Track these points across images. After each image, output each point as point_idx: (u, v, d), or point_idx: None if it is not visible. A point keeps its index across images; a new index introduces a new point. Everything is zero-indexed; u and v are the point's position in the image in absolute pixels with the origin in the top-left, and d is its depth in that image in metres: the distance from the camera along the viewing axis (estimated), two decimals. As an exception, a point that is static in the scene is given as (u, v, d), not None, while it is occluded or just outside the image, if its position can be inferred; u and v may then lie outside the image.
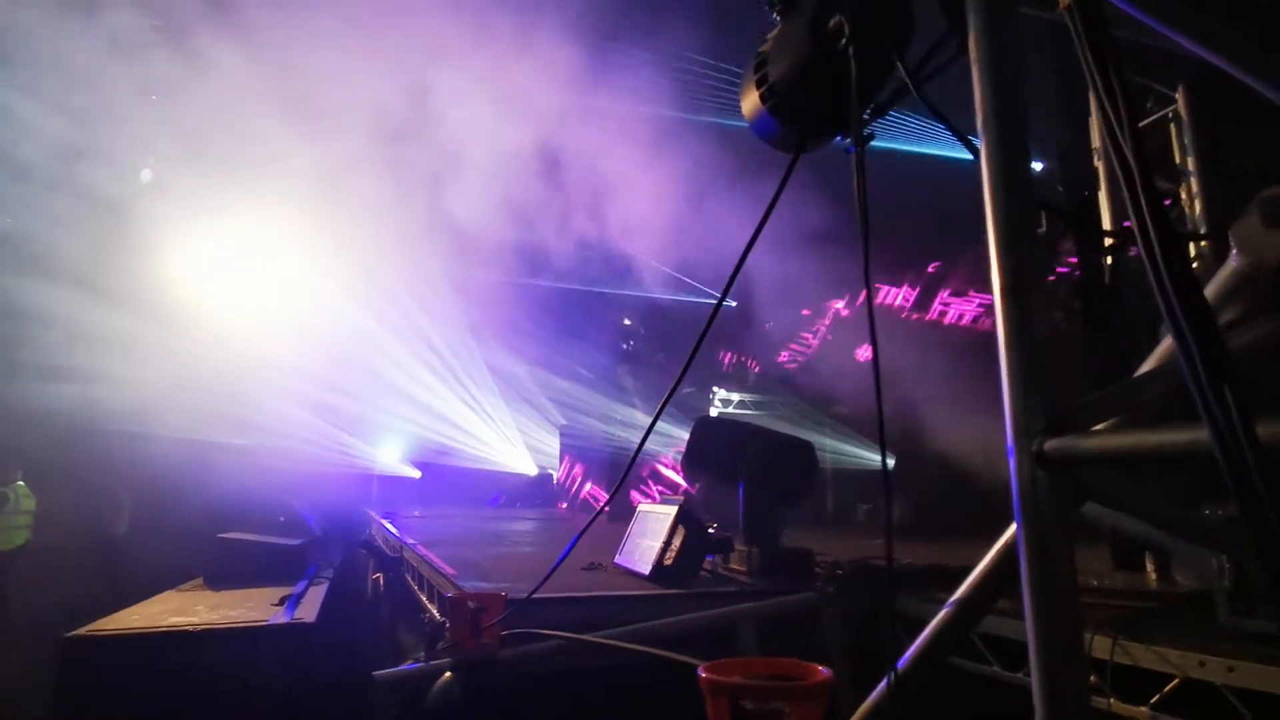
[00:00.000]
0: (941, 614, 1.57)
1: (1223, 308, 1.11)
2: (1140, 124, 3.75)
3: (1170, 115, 4.02)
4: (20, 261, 8.37)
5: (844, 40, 1.36)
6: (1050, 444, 1.02)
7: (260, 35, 7.01)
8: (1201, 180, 3.72)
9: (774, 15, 1.60)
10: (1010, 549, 1.37)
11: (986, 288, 1.14)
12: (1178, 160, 3.94)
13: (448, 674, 2.26)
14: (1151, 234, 0.85)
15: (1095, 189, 4.18)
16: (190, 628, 3.08)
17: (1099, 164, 4.07)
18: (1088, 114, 4.09)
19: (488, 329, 10.83)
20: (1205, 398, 0.78)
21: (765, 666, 1.25)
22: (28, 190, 8.33)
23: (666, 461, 8.17)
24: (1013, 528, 1.32)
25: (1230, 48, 1.07)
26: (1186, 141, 3.86)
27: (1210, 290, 1.13)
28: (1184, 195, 3.91)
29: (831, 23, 1.40)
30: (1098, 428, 1.11)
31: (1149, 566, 3.22)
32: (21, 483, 8.85)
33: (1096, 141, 4.19)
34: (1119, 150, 0.89)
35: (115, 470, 9.56)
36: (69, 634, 2.97)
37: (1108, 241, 3.85)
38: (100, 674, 2.75)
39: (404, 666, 2.41)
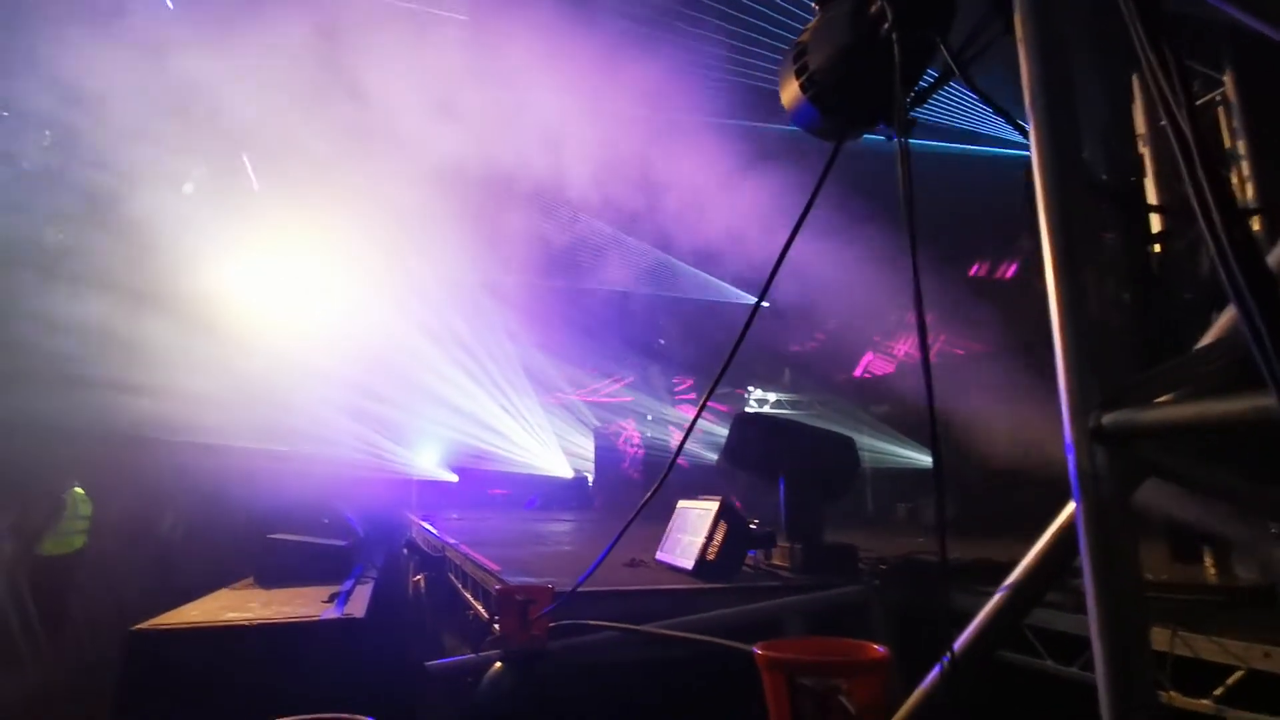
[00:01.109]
0: (995, 599, 1.57)
1: (1283, 281, 1.09)
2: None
3: (1218, 99, 3.92)
4: (76, 276, 8.70)
5: (886, 25, 1.37)
6: (1108, 418, 1.02)
7: (299, 48, 7.21)
8: (1253, 163, 3.62)
9: (813, 4, 1.62)
10: (1066, 530, 1.35)
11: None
12: (1227, 144, 3.84)
13: (498, 664, 2.30)
14: (1212, 205, 0.85)
15: (1141, 175, 4.10)
16: (248, 622, 3.20)
17: (1145, 149, 3.99)
18: (1130, 98, 4.00)
19: (524, 332, 10.95)
20: (1270, 362, 0.78)
21: (821, 646, 1.26)
22: (82, 205, 8.68)
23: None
24: (1069, 508, 1.32)
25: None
26: (1236, 125, 3.77)
27: (1269, 261, 1.11)
28: (1235, 179, 3.81)
29: (874, 8, 1.41)
30: (1158, 401, 1.10)
31: (1208, 560, 3.14)
32: (79, 489, 9.18)
33: (1142, 127, 4.11)
34: (1175, 124, 0.89)
35: (165, 477, 9.86)
36: (135, 627, 3.11)
37: (1155, 228, 3.76)
38: (165, 665, 2.87)
39: (455, 658, 2.46)
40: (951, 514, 5.69)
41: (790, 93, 1.66)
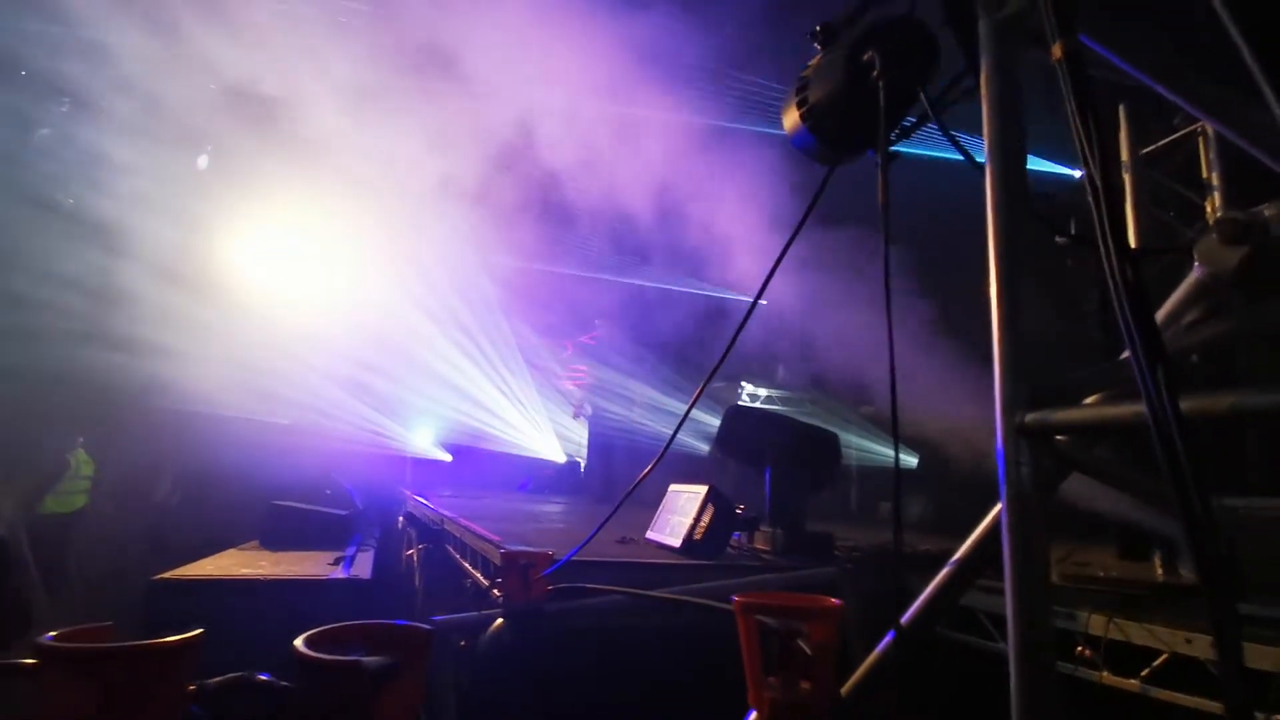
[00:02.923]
0: (937, 579, 1.81)
1: (1186, 310, 1.31)
2: (1166, 140, 3.88)
3: (1200, 130, 4.13)
4: (89, 240, 8.85)
5: (875, 73, 1.58)
6: (1030, 416, 1.24)
7: (308, 25, 7.35)
8: (1225, 195, 3.84)
9: (815, 45, 1.83)
10: (998, 519, 1.58)
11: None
12: (1204, 175, 4.06)
13: (499, 621, 2.53)
14: (1111, 249, 1.07)
15: (1122, 201, 4.31)
16: (263, 577, 3.42)
17: (1127, 175, 4.20)
18: (1115, 130, 4.21)
19: (522, 316, 11.13)
20: (1144, 377, 1.00)
21: (787, 598, 1.49)
22: (97, 173, 8.82)
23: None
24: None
25: (1207, 99, 1.26)
26: (1212, 156, 3.98)
27: (1176, 296, 1.33)
28: (1209, 207, 4.02)
29: (865, 56, 1.63)
30: (1085, 402, 1.32)
31: (1156, 561, 3.38)
32: (82, 449, 9.36)
33: (1126, 154, 4.32)
34: (1091, 182, 1.11)
35: (166, 442, 10.04)
36: (156, 576, 3.32)
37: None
38: (185, 612, 3.08)
39: (460, 615, 2.69)
40: (929, 512, 5.94)
41: (791, 120, 1.87)
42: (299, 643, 1.08)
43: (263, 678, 1.17)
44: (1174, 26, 1.63)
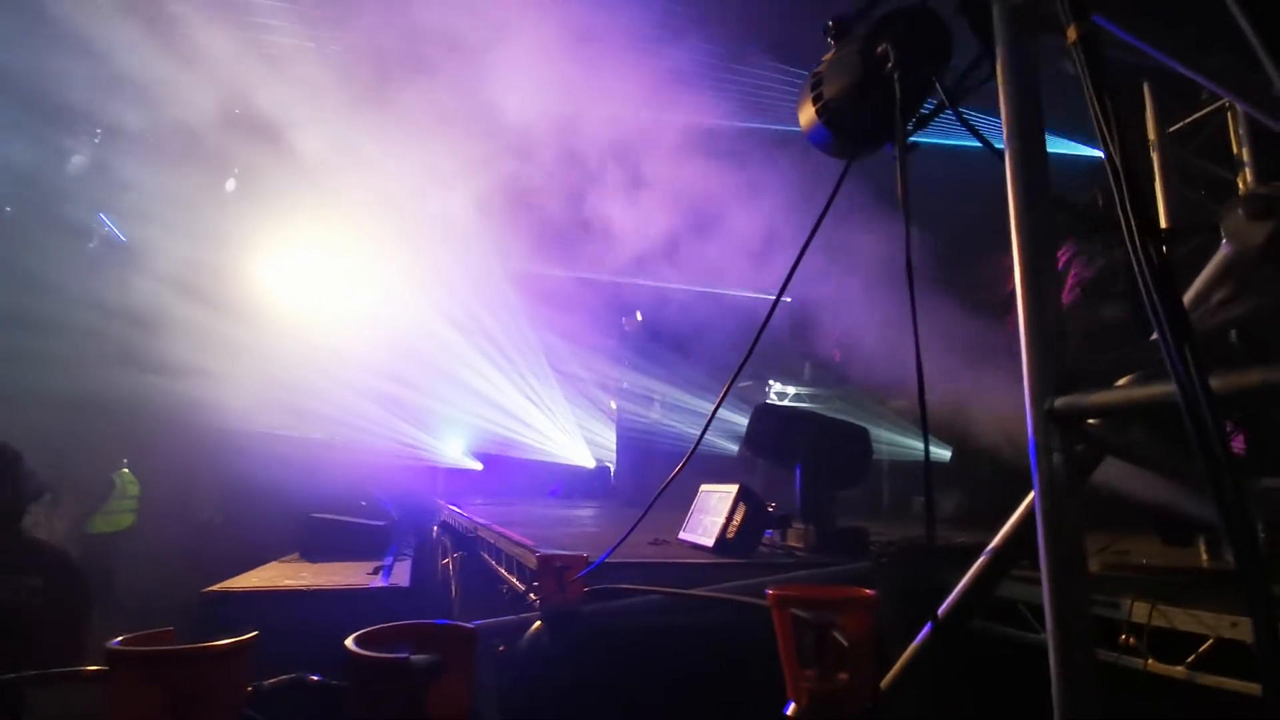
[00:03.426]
0: (975, 566, 1.80)
1: (1216, 288, 1.30)
2: (1193, 117, 3.82)
3: (1227, 105, 4.06)
4: (128, 265, 9.11)
5: (889, 65, 1.59)
6: (1060, 401, 1.24)
7: (330, 45, 7.51)
8: (1256, 170, 3.77)
9: (829, 40, 1.84)
10: (1032, 508, 1.57)
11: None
12: (1234, 150, 3.98)
13: (537, 624, 2.56)
14: (1135, 229, 1.07)
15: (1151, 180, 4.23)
16: (306, 587, 3.51)
17: (1154, 155, 4.13)
18: (1142, 108, 4.15)
19: (548, 322, 11.20)
20: (1172, 356, 1.00)
21: (821, 590, 1.50)
22: (131, 197, 9.09)
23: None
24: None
25: (1226, 75, 1.26)
26: (1241, 132, 3.90)
27: (1205, 274, 1.32)
28: (1241, 185, 3.94)
29: (879, 49, 1.64)
30: (1115, 385, 1.32)
31: (1201, 547, 3.31)
32: (127, 470, 9.62)
33: (1153, 134, 4.24)
34: (1111, 163, 1.11)
35: (204, 461, 10.28)
36: (205, 589, 3.42)
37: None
38: (233, 623, 3.17)
39: (498, 619, 2.73)
40: (964, 506, 5.87)
41: (807, 116, 1.89)
42: (349, 642, 1.12)
43: (314, 678, 1.21)
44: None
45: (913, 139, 1.69)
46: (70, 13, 6.92)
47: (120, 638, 1.06)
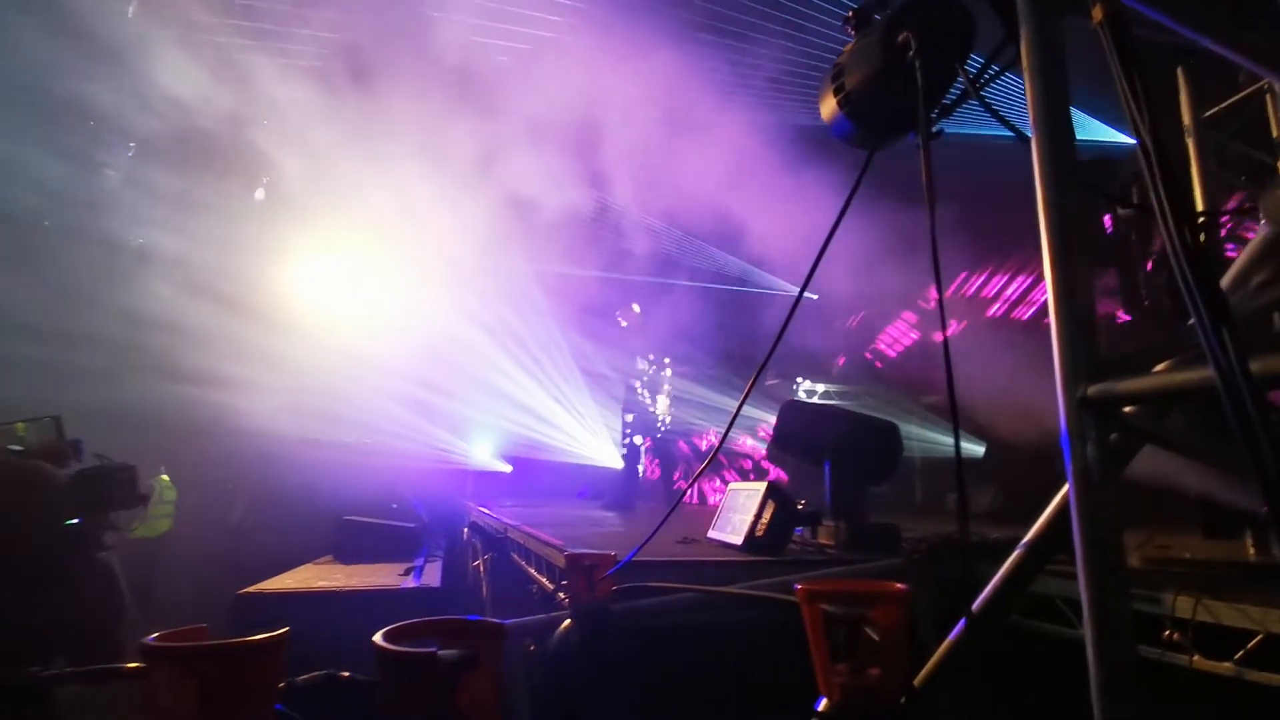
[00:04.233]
0: (1006, 564, 1.76)
1: (1256, 270, 1.26)
2: (1230, 100, 3.71)
3: (1266, 87, 3.93)
4: (161, 276, 9.33)
5: (911, 53, 1.57)
6: (1094, 388, 1.21)
7: (358, 54, 7.62)
8: (1298, 151, 3.65)
9: (849, 30, 1.82)
10: (1067, 500, 1.53)
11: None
12: (1275, 134, 3.85)
13: (567, 622, 2.57)
14: (1168, 212, 1.04)
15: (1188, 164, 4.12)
16: (339, 588, 3.56)
17: (1189, 139, 4.02)
18: (1175, 92, 4.04)
19: (576, 324, 11.24)
20: (1209, 339, 0.97)
21: (852, 584, 1.48)
22: (160, 209, 9.32)
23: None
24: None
25: (1261, 52, 1.21)
26: (1281, 113, 3.78)
27: (1244, 256, 1.28)
28: (1281, 167, 3.82)
29: (900, 38, 1.61)
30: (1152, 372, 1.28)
31: (1248, 540, 3.22)
32: (165, 476, 9.85)
33: (1188, 119, 4.13)
34: (1142, 145, 1.08)
35: (240, 466, 10.48)
36: (241, 591, 3.50)
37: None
38: (270, 623, 3.21)
39: (529, 618, 2.74)
40: (998, 501, 5.78)
41: (829, 108, 1.87)
42: (378, 638, 1.13)
43: (345, 674, 1.23)
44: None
45: (936, 127, 1.67)
46: (101, 26, 7.11)
47: (155, 634, 1.08)
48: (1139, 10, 1.29)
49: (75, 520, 3.22)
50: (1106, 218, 5.21)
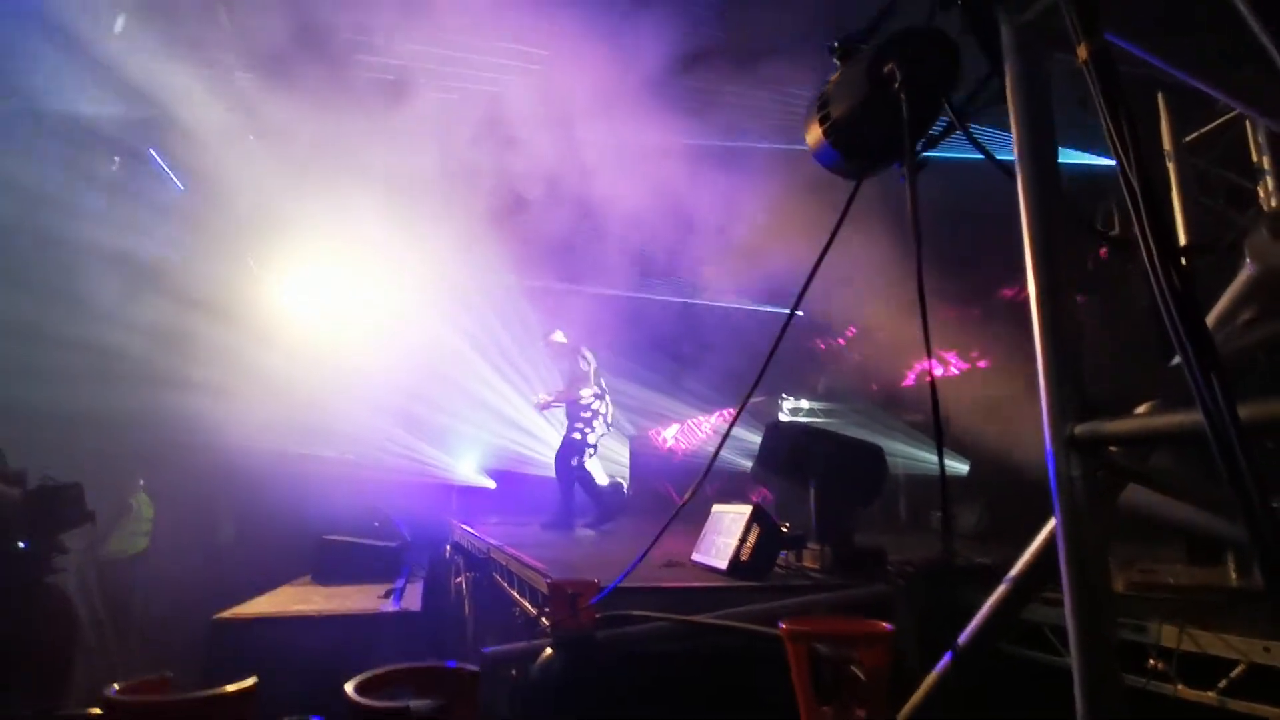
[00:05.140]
0: (994, 596, 1.75)
1: (1241, 308, 1.26)
2: (1211, 125, 3.74)
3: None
4: (149, 286, 9.22)
5: (896, 85, 1.57)
6: (1080, 428, 1.20)
7: (342, 60, 7.60)
8: (1277, 178, 3.69)
9: (835, 61, 1.82)
10: (1054, 533, 1.52)
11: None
12: (1254, 159, 3.90)
13: (549, 650, 2.52)
14: (1155, 254, 1.03)
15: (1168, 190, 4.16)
16: (317, 613, 3.48)
17: (1170, 165, 4.05)
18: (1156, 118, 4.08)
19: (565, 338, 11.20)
20: (1198, 385, 0.96)
21: (835, 623, 1.46)
22: (153, 220, 9.23)
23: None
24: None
25: (1241, 87, 1.22)
26: (1261, 139, 3.83)
27: (1229, 295, 1.28)
28: (1261, 193, 3.86)
29: (886, 69, 1.61)
30: (1136, 412, 1.27)
31: (1230, 565, 3.22)
32: (143, 492, 9.66)
33: (1169, 144, 4.17)
34: (1129, 185, 1.07)
35: (218, 481, 10.31)
36: (216, 616, 3.41)
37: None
38: (245, 650, 3.17)
39: (510, 645, 2.69)
40: (984, 522, 5.77)
41: (814, 136, 1.86)
42: (349, 688, 1.09)
43: (315, 721, 1.18)
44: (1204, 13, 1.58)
45: (923, 156, 1.67)
46: (89, 33, 7.04)
47: (116, 685, 1.04)
48: (1123, 48, 1.29)
49: (21, 544, 3.13)
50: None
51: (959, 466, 6.99)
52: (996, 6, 1.38)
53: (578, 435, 7.36)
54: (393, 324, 9.91)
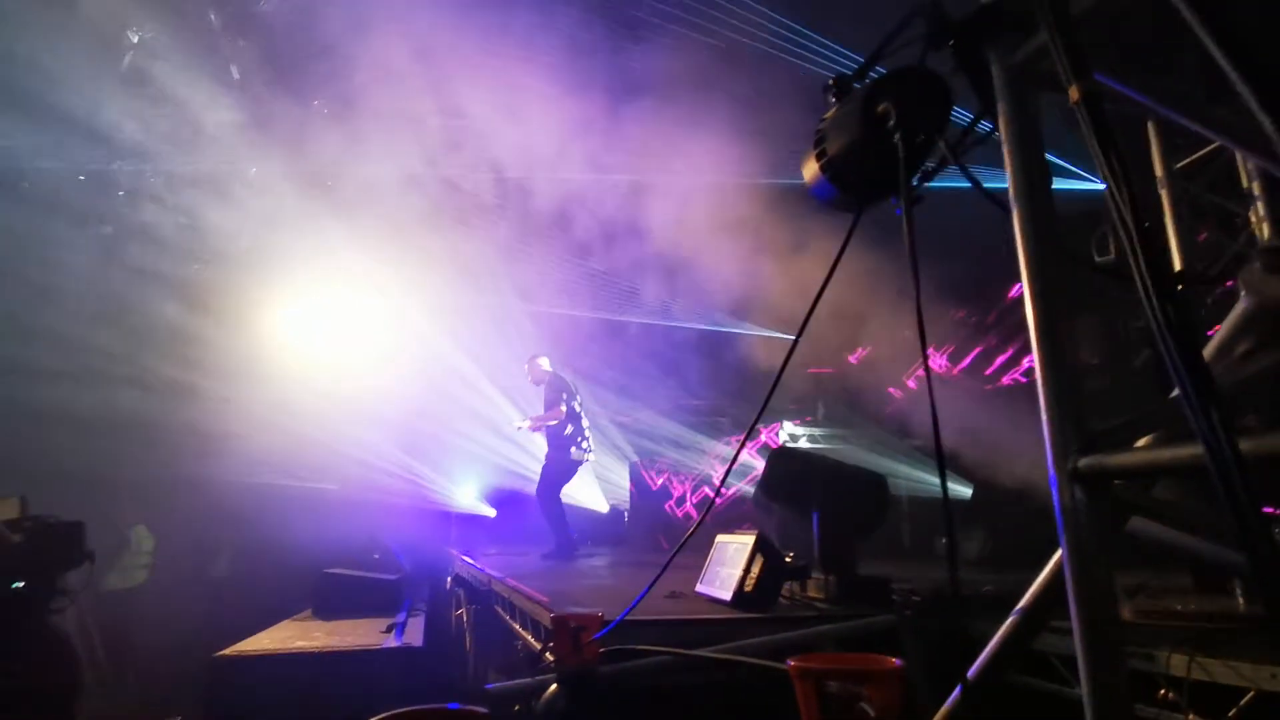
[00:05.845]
0: (1005, 626, 1.74)
1: (1238, 341, 1.27)
2: (1201, 152, 3.77)
3: (1234, 139, 4.03)
4: (143, 324, 9.24)
5: (890, 123, 1.60)
6: (1084, 461, 1.21)
7: (337, 81, 7.71)
8: (1268, 203, 3.73)
9: (830, 98, 1.86)
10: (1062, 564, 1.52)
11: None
12: (1244, 184, 3.94)
13: (553, 686, 2.50)
14: (1151, 289, 1.05)
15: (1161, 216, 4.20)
16: (318, 649, 3.45)
17: (1163, 192, 4.10)
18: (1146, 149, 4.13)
19: (564, 365, 11.23)
20: (1198, 419, 0.97)
21: (845, 660, 1.45)
22: (145, 255, 9.29)
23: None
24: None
25: (1229, 125, 1.25)
26: (1251, 166, 3.87)
27: (1226, 327, 1.29)
28: (1253, 219, 3.90)
29: (880, 107, 1.64)
30: (1138, 445, 1.28)
31: (1238, 591, 3.20)
32: (142, 526, 9.60)
33: (1160, 170, 4.22)
34: (1122, 221, 1.09)
35: (218, 515, 10.24)
36: (217, 654, 3.38)
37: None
38: (246, 688, 3.13)
39: (513, 681, 2.66)
40: (988, 548, 5.74)
41: (811, 171, 1.89)
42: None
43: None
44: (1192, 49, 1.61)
45: (919, 190, 1.69)
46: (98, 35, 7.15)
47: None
48: (1113, 87, 1.32)
49: (19, 584, 3.11)
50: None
51: (962, 490, 6.96)
52: (987, 48, 1.41)
53: (556, 463, 7.36)
54: (390, 349, 9.95)
